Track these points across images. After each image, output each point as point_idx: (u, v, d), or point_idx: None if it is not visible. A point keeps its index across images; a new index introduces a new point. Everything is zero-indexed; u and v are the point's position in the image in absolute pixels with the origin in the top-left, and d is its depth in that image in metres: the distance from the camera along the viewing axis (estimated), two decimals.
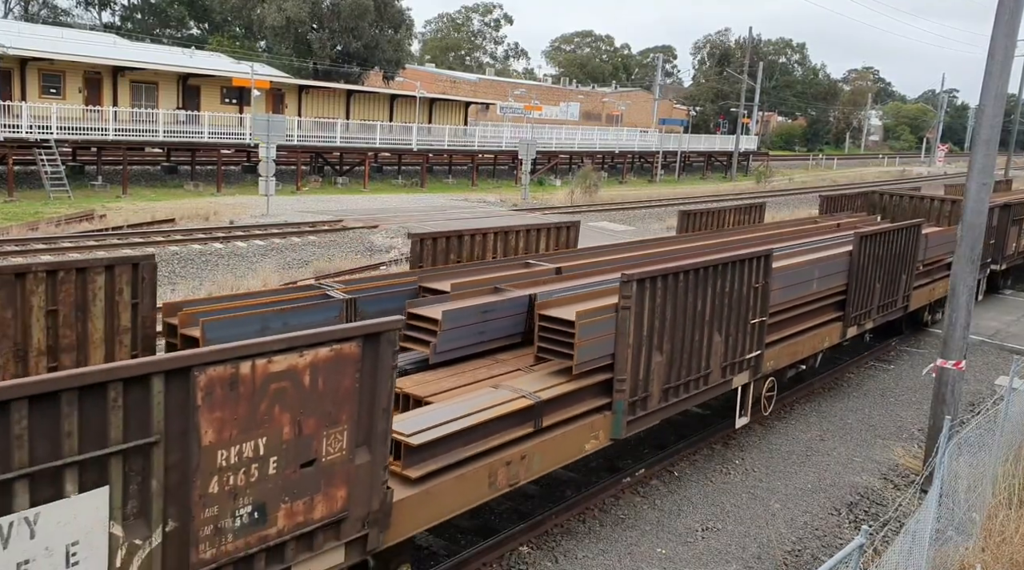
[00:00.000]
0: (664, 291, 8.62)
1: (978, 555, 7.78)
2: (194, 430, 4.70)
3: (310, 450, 5.37)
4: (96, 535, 4.38)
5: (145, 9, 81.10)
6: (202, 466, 4.78)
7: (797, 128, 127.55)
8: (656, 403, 8.89)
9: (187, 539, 4.82)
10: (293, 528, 5.36)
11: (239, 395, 4.88)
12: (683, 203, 41.58)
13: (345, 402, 5.52)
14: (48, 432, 4.12)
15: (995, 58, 9.70)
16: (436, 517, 6.67)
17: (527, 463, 7.50)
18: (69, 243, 20.62)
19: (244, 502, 5.07)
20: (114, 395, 4.33)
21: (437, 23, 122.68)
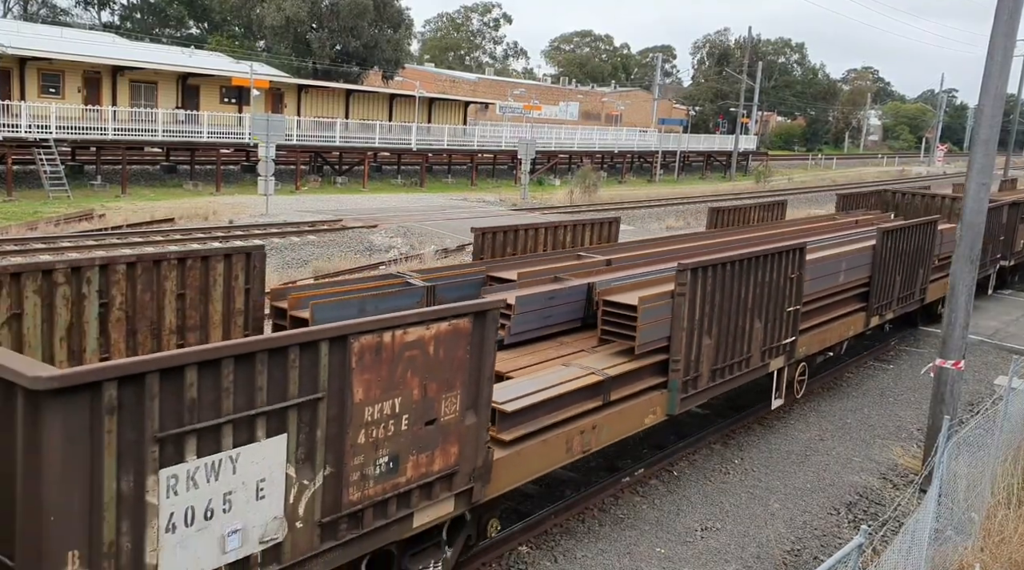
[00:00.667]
0: (713, 279, 9.39)
1: (977, 555, 7.78)
2: (348, 389, 5.54)
3: (432, 410, 6.21)
4: (277, 474, 5.22)
5: (144, 8, 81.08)
6: (354, 420, 5.62)
7: (796, 128, 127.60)
8: (705, 383, 9.66)
9: (340, 483, 5.61)
10: (418, 478, 6.19)
11: (382, 360, 5.75)
12: (682, 203, 41.59)
13: (459, 370, 6.36)
14: (246, 386, 4.95)
15: (994, 58, 9.71)
16: (524, 476, 7.49)
17: (597, 433, 8.28)
18: (68, 243, 20.61)
19: (383, 453, 5.89)
20: (293, 357, 5.16)
21: (436, 23, 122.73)
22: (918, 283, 15.56)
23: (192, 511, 4.81)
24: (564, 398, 7.95)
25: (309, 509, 5.45)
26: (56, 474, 4.19)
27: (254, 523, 5.13)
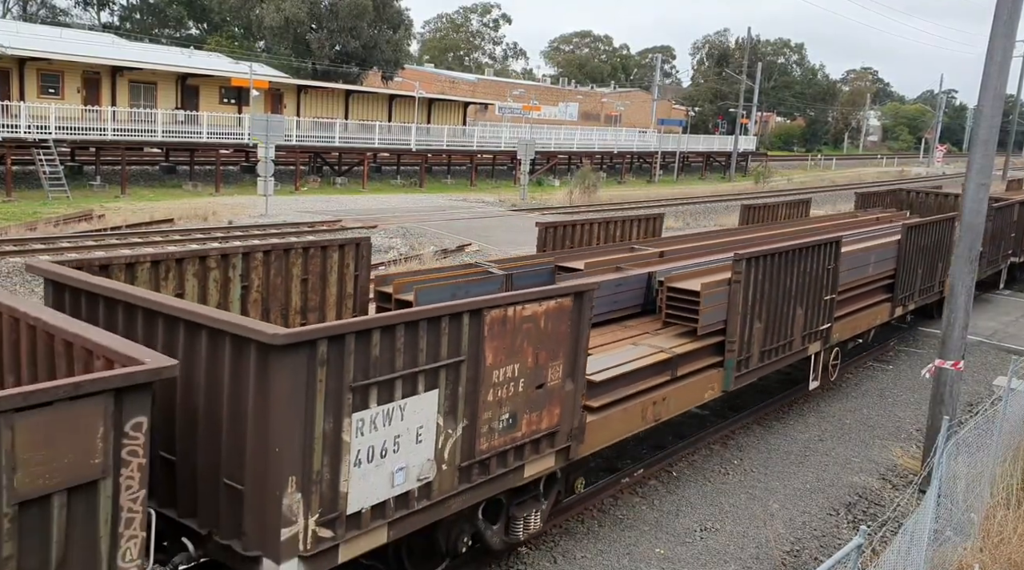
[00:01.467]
0: (764, 269, 10.34)
1: (976, 555, 7.78)
2: (482, 353, 6.51)
3: (542, 376, 7.16)
4: (430, 423, 6.20)
5: (144, 9, 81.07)
6: (485, 380, 6.58)
7: (796, 128, 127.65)
8: (755, 363, 10.62)
9: (474, 433, 6.58)
10: (529, 434, 7.15)
11: (506, 331, 6.71)
12: (682, 204, 41.59)
13: (561, 342, 7.32)
14: (411, 348, 5.92)
15: (993, 58, 9.71)
16: (609, 439, 8.41)
17: (666, 404, 9.21)
18: (68, 243, 20.60)
19: (505, 410, 6.84)
20: (444, 325, 6.12)
21: (436, 23, 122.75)
22: (937, 276, 16.56)
23: (372, 449, 5.81)
24: (640, 372, 8.93)
25: (452, 454, 6.44)
26: (281, 414, 5.19)
27: (414, 463, 6.13)
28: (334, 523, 5.63)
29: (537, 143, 45.12)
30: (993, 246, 19.76)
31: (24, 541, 4.02)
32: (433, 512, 6.42)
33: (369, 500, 5.83)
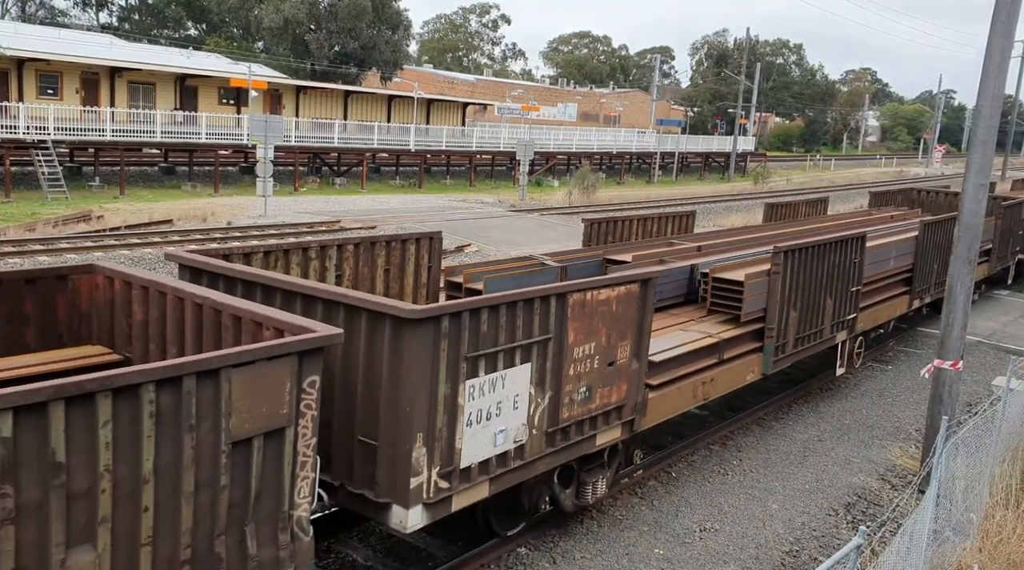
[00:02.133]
0: (798, 261, 11.16)
1: (975, 555, 7.78)
2: (565, 332, 7.33)
3: (613, 354, 7.98)
4: (524, 392, 7.08)
5: (142, 10, 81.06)
6: (568, 356, 7.41)
7: (795, 129, 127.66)
8: (791, 349, 11.45)
9: (558, 403, 7.43)
10: (601, 407, 7.98)
11: (585, 312, 7.52)
12: (681, 204, 41.60)
13: (629, 325, 8.14)
14: (510, 326, 6.78)
15: (992, 59, 9.71)
16: (665, 415, 9.25)
17: (713, 384, 10.01)
18: (67, 244, 20.58)
19: (582, 384, 7.67)
20: (536, 306, 6.98)
21: (435, 24, 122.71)
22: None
23: (480, 412, 6.68)
24: (691, 355, 9.76)
25: (540, 420, 7.32)
26: (411, 379, 6.06)
27: (511, 426, 7.00)
28: (450, 476, 6.51)
29: (536, 144, 45.12)
30: (1003, 243, 20.57)
31: (234, 474, 4.93)
32: (525, 471, 7.32)
33: (477, 457, 6.75)
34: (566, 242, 23.86)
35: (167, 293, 6.37)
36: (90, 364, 6.56)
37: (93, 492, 4.34)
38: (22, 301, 6.83)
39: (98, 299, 7.10)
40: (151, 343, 6.57)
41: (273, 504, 5.18)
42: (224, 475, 4.87)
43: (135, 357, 6.67)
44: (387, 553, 7.98)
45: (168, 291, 6.37)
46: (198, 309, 6.08)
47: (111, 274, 6.99)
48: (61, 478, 4.19)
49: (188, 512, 4.75)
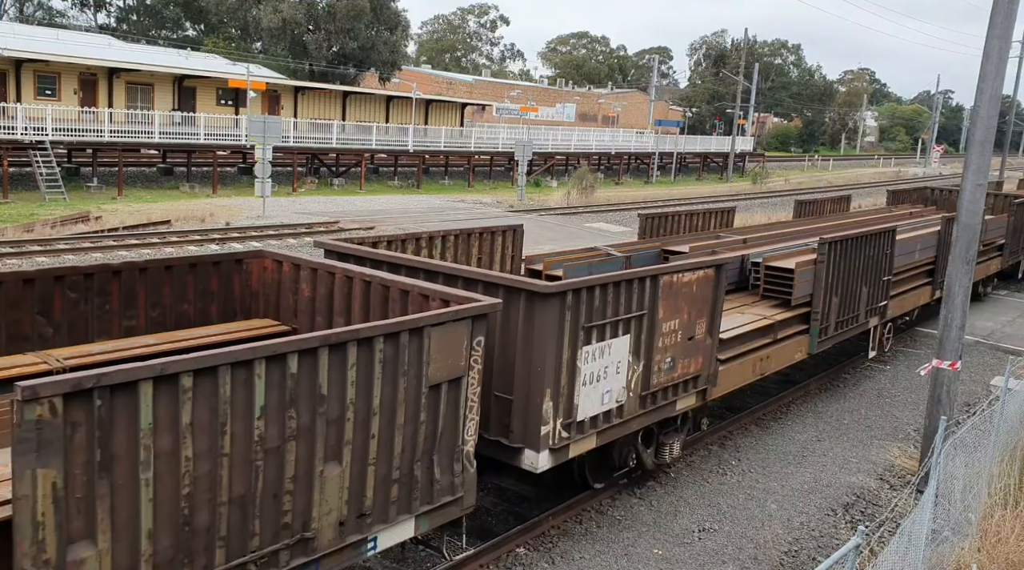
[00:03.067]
0: (840, 251, 12.35)
1: (974, 555, 7.79)
2: (656, 309, 8.54)
3: (692, 330, 9.16)
4: (624, 359, 8.28)
5: (141, 10, 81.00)
6: (658, 330, 8.63)
7: (793, 129, 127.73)
8: (832, 331, 12.59)
9: (649, 371, 8.65)
10: (680, 376, 9.15)
11: (672, 292, 8.73)
12: (680, 204, 41.62)
13: (705, 304, 9.29)
14: (614, 302, 8.01)
15: (990, 60, 9.73)
16: (731, 386, 10.48)
17: (768, 362, 11.29)
18: (65, 245, 20.56)
19: (668, 355, 8.86)
20: (633, 287, 8.20)
21: (433, 24, 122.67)
22: None
23: (592, 375, 7.90)
24: (751, 334, 11.02)
25: (636, 385, 8.52)
26: (542, 343, 7.32)
27: (614, 388, 8.23)
28: (570, 427, 7.75)
29: (534, 144, 45.12)
30: (1014, 239, 21.45)
31: (429, 413, 6.28)
32: (622, 428, 8.52)
33: (588, 412, 7.95)
34: (564, 243, 23.85)
35: (336, 273, 7.74)
36: (267, 333, 7.91)
37: (342, 420, 5.68)
38: (209, 281, 8.30)
39: (266, 279, 8.54)
40: (317, 315, 7.93)
41: (451, 439, 6.55)
42: (423, 413, 6.25)
43: (301, 328, 7.99)
44: (386, 554, 7.97)
45: (337, 271, 7.73)
46: (366, 285, 7.48)
47: (279, 258, 8.42)
48: (323, 407, 5.53)
49: (399, 440, 6.10)
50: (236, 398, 5.00)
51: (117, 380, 4.38)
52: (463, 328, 6.36)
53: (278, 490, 5.35)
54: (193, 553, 4.92)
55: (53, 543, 4.30)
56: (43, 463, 4.21)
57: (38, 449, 4.18)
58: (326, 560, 5.76)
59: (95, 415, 4.36)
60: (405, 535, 6.44)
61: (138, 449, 4.56)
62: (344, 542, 5.85)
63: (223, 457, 4.98)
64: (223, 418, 4.94)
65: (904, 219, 19.95)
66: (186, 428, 4.75)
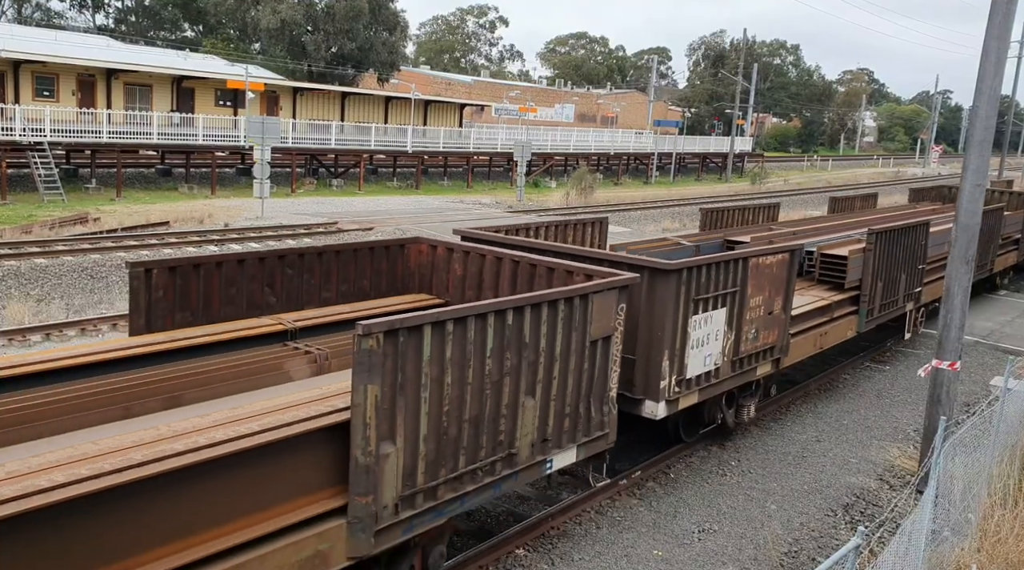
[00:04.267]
0: (885, 241, 13.86)
1: (974, 555, 7.78)
2: (746, 286, 10.10)
3: (771, 306, 10.72)
4: (721, 329, 9.85)
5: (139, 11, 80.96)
6: (746, 304, 10.16)
7: (792, 129, 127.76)
8: (877, 313, 14.21)
9: (738, 340, 10.21)
10: (761, 346, 10.72)
11: (757, 272, 10.19)
12: (678, 205, 41.61)
13: (781, 284, 10.84)
14: (716, 278, 9.55)
15: (988, 59, 9.72)
16: (797, 357, 12.08)
17: (826, 337, 12.91)
18: (63, 246, 20.54)
19: (753, 327, 10.41)
20: (730, 267, 9.79)
21: (432, 25, 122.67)
22: (990, 255, 20.36)
23: (698, 340, 9.44)
24: (813, 312, 12.63)
25: (728, 351, 10.06)
26: (663, 311, 8.91)
27: (713, 353, 9.79)
28: (681, 383, 9.31)
29: (533, 145, 45.10)
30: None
31: (589, 362, 7.83)
32: (716, 388, 10.07)
33: (694, 372, 9.50)
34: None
35: (486, 255, 9.45)
36: (426, 304, 9.64)
37: (536, 363, 7.21)
38: (381, 261, 10.02)
39: (422, 261, 10.19)
40: (468, 289, 9.62)
41: (602, 385, 8.09)
42: (586, 362, 7.77)
43: (452, 300, 9.68)
44: None
45: (487, 253, 9.44)
46: (515, 264, 9.12)
47: (434, 243, 10.13)
48: (526, 352, 7.08)
49: (570, 383, 7.66)
50: (476, 341, 6.58)
51: (411, 324, 6.02)
52: (613, 296, 7.97)
53: (496, 415, 6.93)
54: (446, 457, 6.52)
55: (373, 440, 5.87)
56: (371, 381, 5.77)
57: (368, 371, 5.74)
58: (522, 473, 7.40)
59: (398, 349, 5.95)
60: (570, 460, 7.93)
61: (420, 375, 6.16)
62: (534, 460, 7.46)
63: (467, 385, 6.60)
64: (468, 356, 6.53)
65: (928, 214, 20.82)
66: (448, 361, 6.36)
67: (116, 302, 16.43)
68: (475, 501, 6.95)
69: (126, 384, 6.44)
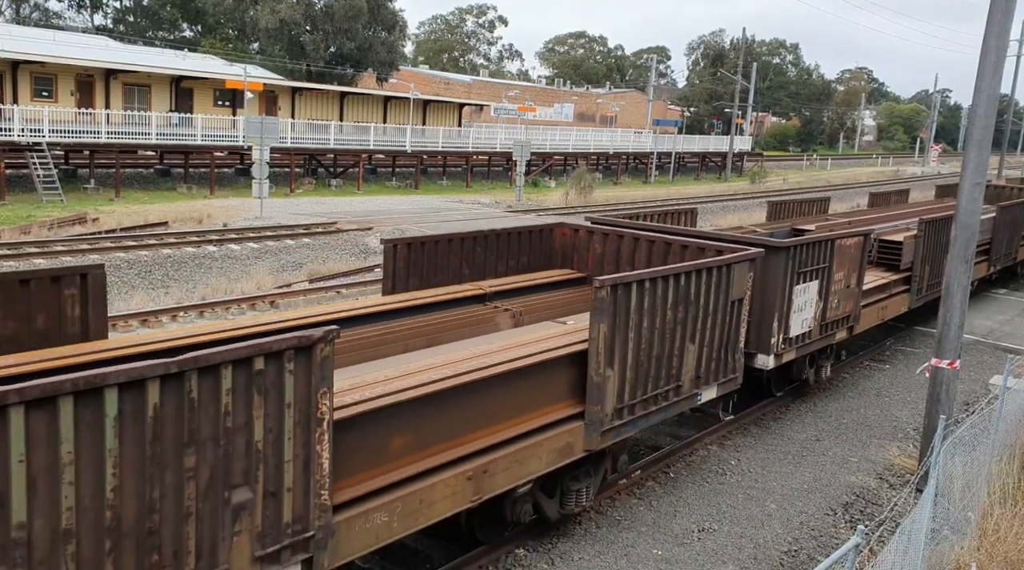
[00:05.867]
0: (931, 229, 15.91)
1: (973, 554, 7.78)
2: (833, 263, 12.04)
3: (849, 281, 12.71)
4: (814, 298, 11.80)
5: (137, 11, 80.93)
6: (832, 279, 12.07)
7: (791, 128, 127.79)
8: (924, 292, 16.12)
9: (826, 308, 12.14)
10: (840, 314, 12.73)
11: (840, 252, 12.20)
12: (677, 204, 41.59)
13: (855, 262, 12.82)
14: (810, 257, 11.47)
15: (987, 58, 9.72)
16: (865, 326, 14.16)
17: (885, 311, 14.92)
18: (62, 246, 20.53)
19: (835, 298, 12.35)
20: (823, 246, 11.69)
21: (431, 24, 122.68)
22: (1014, 246, 22.09)
23: (799, 306, 11.33)
24: (876, 289, 14.66)
25: (817, 316, 11.99)
26: (774, 281, 10.86)
27: (808, 317, 11.72)
28: (785, 341, 11.20)
29: (532, 144, 45.09)
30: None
31: (727, 319, 9.63)
32: (808, 347, 12.02)
33: (794, 332, 11.39)
34: None
35: (624, 236, 11.37)
36: (570, 278, 11.66)
37: (695, 316, 9.05)
38: (539, 243, 12.06)
39: (564, 242, 12.19)
40: (607, 265, 11.50)
41: (735, 337, 9.85)
42: (727, 317, 9.58)
43: (593, 274, 10.87)
44: (384, 556, 7.95)
45: (625, 234, 11.39)
46: (650, 243, 11.05)
47: (576, 227, 12.14)
48: (691, 307, 8.93)
49: (717, 332, 9.47)
50: (662, 296, 8.45)
51: (626, 281, 7.97)
52: (747, 266, 9.77)
53: (671, 354, 8.77)
54: (641, 383, 8.43)
55: (603, 364, 7.87)
56: (602, 321, 7.71)
57: (601, 313, 7.69)
58: (683, 402, 9.22)
59: (617, 298, 7.85)
60: (712, 395, 9.70)
61: (629, 319, 8.03)
62: (690, 392, 9.28)
63: (655, 330, 8.44)
64: (657, 307, 8.40)
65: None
66: (645, 310, 8.23)
67: (115, 302, 16.41)
68: (653, 420, 8.84)
69: (399, 329, 8.77)
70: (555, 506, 8.30)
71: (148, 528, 4.55)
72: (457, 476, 6.71)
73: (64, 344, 6.70)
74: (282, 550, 5.29)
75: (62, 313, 6.87)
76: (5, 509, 3.99)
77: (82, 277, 6.98)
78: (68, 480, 4.18)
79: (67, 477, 4.18)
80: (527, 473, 7.44)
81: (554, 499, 8.28)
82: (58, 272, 6.91)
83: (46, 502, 4.13)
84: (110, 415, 4.31)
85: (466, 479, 6.80)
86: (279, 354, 5.09)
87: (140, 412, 4.44)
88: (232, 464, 4.93)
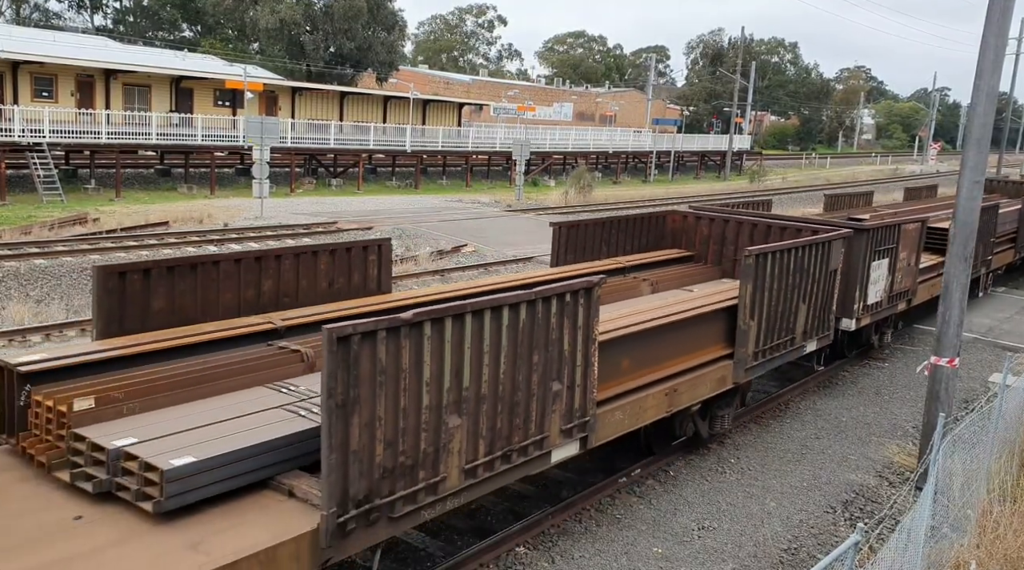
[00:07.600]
0: None
1: (973, 552, 7.80)
2: (898, 245, 14.22)
3: (909, 261, 14.76)
4: (884, 273, 13.89)
5: (137, 12, 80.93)
6: (897, 258, 14.26)
7: (790, 127, 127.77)
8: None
9: (892, 283, 14.20)
10: (902, 289, 14.76)
11: (904, 235, 14.24)
12: (676, 204, 41.60)
13: (915, 245, 14.78)
14: (881, 240, 13.61)
15: (986, 57, 9.73)
16: (922, 299, 16.07)
17: (935, 288, 15.72)
18: (63, 247, 20.54)
19: (899, 274, 14.41)
20: (892, 230, 13.94)
21: (430, 24, 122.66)
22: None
23: (874, 279, 13.29)
24: (928, 269, 16.45)
25: (887, 290, 13.99)
26: (857, 259, 12.90)
27: (880, 289, 13.60)
28: (864, 308, 13.30)
29: (532, 144, 45.10)
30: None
31: (827, 285, 11.77)
32: (879, 314, 14.04)
33: (870, 301, 13.42)
34: None
35: (729, 220, 13.58)
36: (679, 257, 13.87)
37: (803, 283, 11.03)
38: (655, 226, 14.33)
39: (675, 226, 14.38)
40: (712, 244, 13.78)
41: (829, 301, 11.89)
42: (826, 284, 11.60)
43: (698, 254, 13.92)
44: (385, 554, 7.98)
45: (731, 219, 13.60)
46: (752, 226, 13.19)
47: (684, 213, 14.35)
48: (803, 274, 10.99)
49: (819, 296, 11.51)
50: (786, 264, 10.46)
51: (763, 252, 10.08)
52: (840, 243, 11.73)
53: (789, 312, 10.86)
54: (769, 334, 10.61)
55: (747, 316, 10.05)
56: (747, 282, 9.93)
57: (746, 276, 9.90)
58: (795, 352, 11.30)
59: (757, 264, 9.95)
60: (812, 348, 11.76)
61: (765, 281, 10.18)
62: (799, 344, 11.31)
63: (781, 292, 10.58)
64: (783, 273, 10.49)
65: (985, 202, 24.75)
66: (776, 275, 10.37)
67: None
68: (776, 363, 10.99)
69: None
70: (706, 427, 10.66)
71: (515, 399, 6.94)
72: (659, 392, 9.03)
73: (368, 296, 9.57)
74: (573, 427, 7.66)
75: (366, 273, 9.75)
76: (460, 378, 6.40)
77: (379, 247, 9.87)
78: (486, 363, 6.61)
79: (486, 361, 6.60)
80: (698, 395, 9.72)
81: (705, 421, 10.61)
82: (365, 243, 9.78)
83: (475, 378, 6.57)
84: (504, 324, 6.73)
85: (664, 395, 9.10)
86: (576, 292, 7.39)
87: (514, 323, 6.84)
88: (552, 364, 7.25)
